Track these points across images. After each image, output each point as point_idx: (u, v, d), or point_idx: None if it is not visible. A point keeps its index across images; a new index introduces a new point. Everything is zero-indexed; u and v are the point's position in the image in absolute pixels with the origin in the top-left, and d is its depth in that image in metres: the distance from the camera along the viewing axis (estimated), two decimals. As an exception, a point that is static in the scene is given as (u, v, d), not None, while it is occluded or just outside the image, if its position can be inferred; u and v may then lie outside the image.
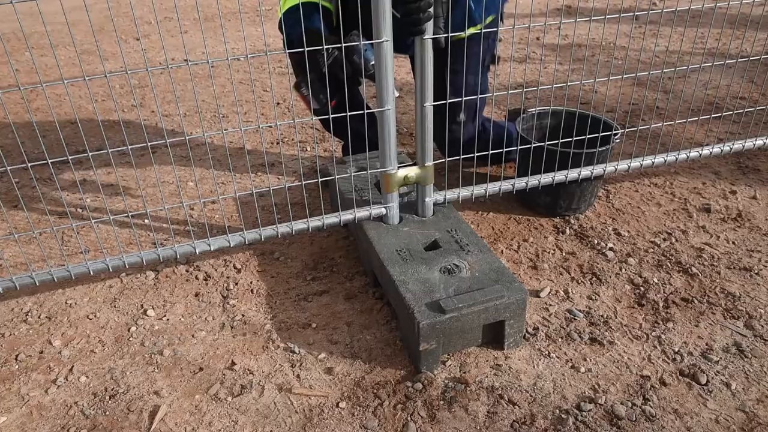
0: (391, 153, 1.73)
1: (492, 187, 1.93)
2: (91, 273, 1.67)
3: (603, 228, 2.12)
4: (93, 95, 3.47)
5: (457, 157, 2.19)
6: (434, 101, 1.67)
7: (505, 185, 1.94)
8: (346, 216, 1.82)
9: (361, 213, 1.83)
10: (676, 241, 2.04)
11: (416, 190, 1.86)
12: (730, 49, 3.84)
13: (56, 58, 1.60)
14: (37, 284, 1.64)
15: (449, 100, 1.80)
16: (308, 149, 2.77)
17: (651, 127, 2.36)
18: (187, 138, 1.48)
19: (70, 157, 1.52)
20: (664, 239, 2.05)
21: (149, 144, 1.49)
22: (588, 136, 1.99)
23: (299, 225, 1.78)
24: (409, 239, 1.76)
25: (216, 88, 3.55)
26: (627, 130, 2.18)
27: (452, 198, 1.90)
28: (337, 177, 2.05)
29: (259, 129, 2.97)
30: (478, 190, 1.93)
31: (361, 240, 1.87)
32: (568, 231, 2.10)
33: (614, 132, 2.08)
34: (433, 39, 1.57)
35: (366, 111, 1.89)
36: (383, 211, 1.83)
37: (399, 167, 1.77)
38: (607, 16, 1.72)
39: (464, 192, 1.92)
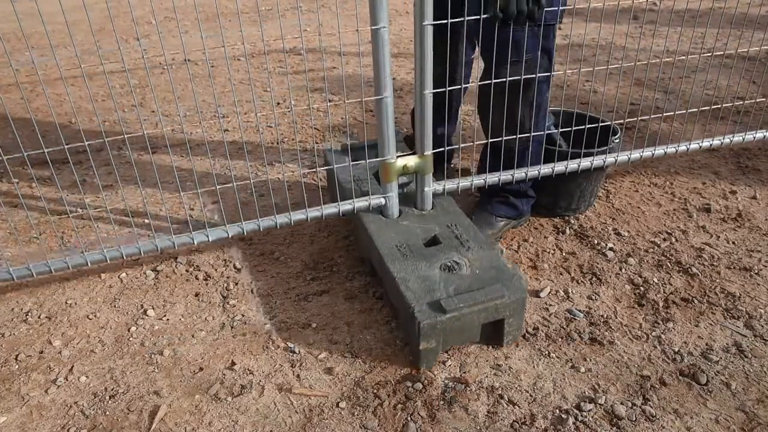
0: (390, 141, 1.71)
1: (491, 178, 1.89)
2: (89, 264, 1.65)
3: (603, 228, 2.11)
4: (93, 95, 3.47)
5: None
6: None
7: (505, 176, 1.90)
8: (345, 206, 1.80)
9: (360, 203, 1.80)
10: (676, 241, 2.04)
11: (415, 180, 1.84)
12: (728, 47, 3.84)
13: (56, 58, 1.60)
14: (35, 275, 1.63)
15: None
16: (308, 149, 2.77)
17: (651, 118, 2.35)
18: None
19: (66, 146, 1.51)
20: (664, 239, 2.05)
21: (146, 133, 1.49)
22: (587, 127, 1.97)
23: (297, 215, 1.76)
24: (409, 234, 1.75)
25: (216, 88, 3.55)
26: (627, 120, 2.16)
27: (452, 188, 1.88)
28: (335, 166, 2.03)
29: (259, 129, 2.97)
30: (477, 180, 1.90)
31: (361, 234, 1.86)
32: (568, 231, 2.10)
33: (610, 123, 2.08)
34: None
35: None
36: (382, 201, 1.81)
37: (398, 156, 1.75)
38: (606, 4, 1.70)
39: (464, 182, 1.88)
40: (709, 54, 2.03)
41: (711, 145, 2.15)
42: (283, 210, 2.25)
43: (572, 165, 1.93)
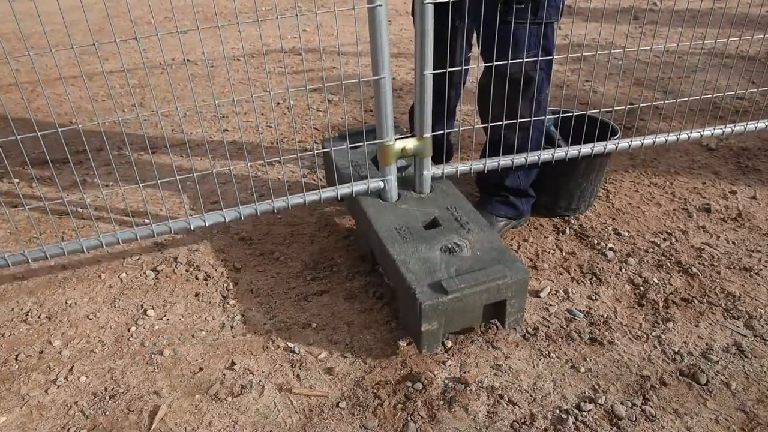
0: (388, 124, 1.68)
1: (491, 163, 1.87)
2: (85, 251, 1.64)
3: (603, 228, 2.12)
4: (93, 96, 3.47)
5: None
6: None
7: (504, 161, 1.87)
8: (343, 190, 1.77)
9: (358, 187, 1.78)
10: (676, 241, 2.04)
11: (414, 163, 1.81)
12: (729, 48, 3.84)
13: (54, 58, 1.60)
14: (30, 261, 1.61)
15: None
16: (308, 148, 2.77)
17: (651, 105, 2.34)
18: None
19: (61, 129, 1.51)
20: (664, 239, 2.05)
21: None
22: (587, 112, 1.96)
23: (295, 199, 1.74)
24: (408, 217, 1.73)
25: (215, 88, 3.55)
26: (628, 106, 2.15)
27: (450, 172, 1.85)
28: (332, 149, 2.02)
29: (258, 129, 2.97)
30: (476, 164, 1.87)
31: (360, 219, 1.84)
32: (568, 231, 2.10)
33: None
34: None
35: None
36: (381, 184, 1.79)
37: (396, 139, 1.72)
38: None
39: (462, 166, 1.86)
40: (712, 45, 2.00)
41: (712, 134, 2.11)
42: (284, 210, 2.25)
43: (572, 152, 1.91)
